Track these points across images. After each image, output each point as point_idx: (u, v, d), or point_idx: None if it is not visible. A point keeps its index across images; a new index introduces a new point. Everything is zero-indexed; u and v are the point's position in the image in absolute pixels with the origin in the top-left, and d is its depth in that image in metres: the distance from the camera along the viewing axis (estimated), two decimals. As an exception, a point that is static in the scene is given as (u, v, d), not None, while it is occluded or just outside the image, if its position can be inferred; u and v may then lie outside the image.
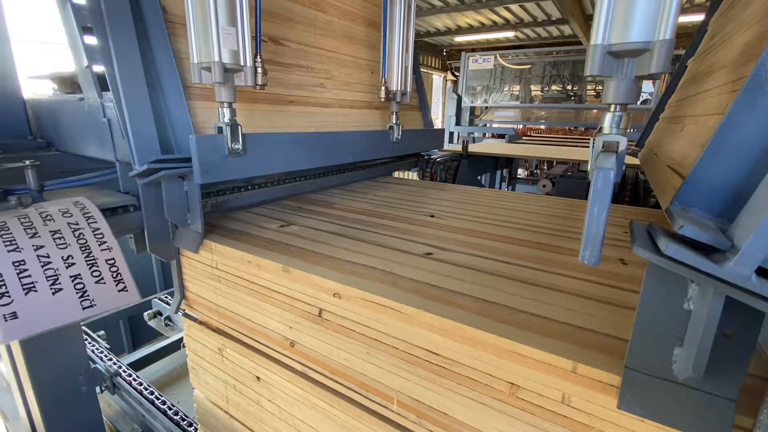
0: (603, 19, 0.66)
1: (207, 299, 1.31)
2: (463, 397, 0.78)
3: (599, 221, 0.53)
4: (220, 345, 1.30)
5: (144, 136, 1.13)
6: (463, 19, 9.39)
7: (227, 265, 1.19)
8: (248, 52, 1.12)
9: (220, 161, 1.16)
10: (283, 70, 1.54)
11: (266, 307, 1.12)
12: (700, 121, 0.94)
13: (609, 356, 0.64)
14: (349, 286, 0.91)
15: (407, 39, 1.87)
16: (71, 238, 0.95)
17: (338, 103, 1.84)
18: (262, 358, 1.17)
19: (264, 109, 1.48)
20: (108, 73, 1.10)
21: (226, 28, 1.04)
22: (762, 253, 0.39)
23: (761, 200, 0.41)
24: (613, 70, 0.69)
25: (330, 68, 1.78)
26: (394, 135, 2.03)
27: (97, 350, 2.30)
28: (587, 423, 0.64)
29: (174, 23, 1.20)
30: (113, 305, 0.93)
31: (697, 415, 0.53)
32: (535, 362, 0.68)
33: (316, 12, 1.69)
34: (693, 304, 0.51)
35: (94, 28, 1.08)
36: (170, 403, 1.92)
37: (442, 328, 0.79)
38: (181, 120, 1.20)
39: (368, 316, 0.90)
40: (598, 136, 0.77)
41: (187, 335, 1.45)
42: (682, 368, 0.53)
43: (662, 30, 0.63)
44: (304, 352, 1.06)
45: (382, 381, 0.91)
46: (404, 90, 1.92)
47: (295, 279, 1.02)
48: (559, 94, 6.61)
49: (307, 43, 1.65)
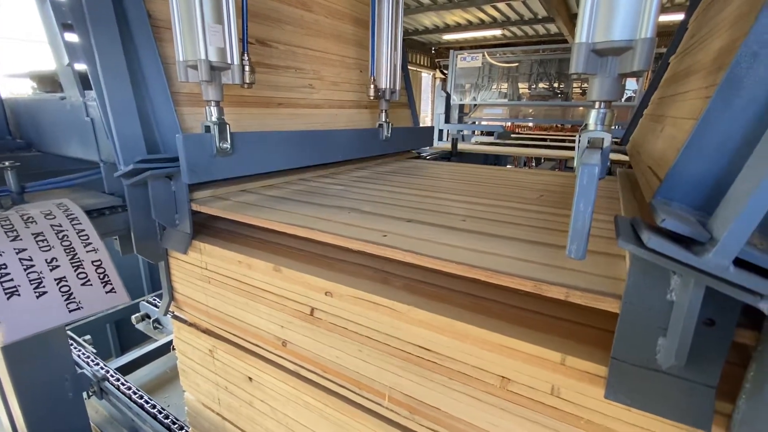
0: (587, 18, 0.68)
1: (197, 300, 1.29)
2: (455, 391, 0.79)
3: (585, 216, 0.54)
4: (211, 346, 1.29)
5: (129, 136, 1.11)
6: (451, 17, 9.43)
7: (217, 266, 1.18)
8: (235, 50, 1.11)
9: (208, 161, 1.15)
10: (271, 72, 1.53)
11: (257, 307, 1.11)
12: (678, 123, 0.97)
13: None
14: (341, 284, 0.91)
15: (395, 37, 1.87)
16: (55, 240, 0.93)
17: (328, 103, 1.83)
18: (253, 359, 1.17)
19: (253, 113, 1.47)
20: (90, 71, 1.08)
21: (212, 25, 1.03)
22: (739, 244, 0.40)
23: (738, 194, 0.42)
24: (597, 68, 0.71)
25: (318, 68, 1.77)
26: (384, 133, 2.03)
27: (84, 355, 2.26)
28: (576, 413, 0.65)
29: (160, 28, 1.18)
30: (101, 307, 0.92)
31: (679, 402, 0.55)
32: (524, 355, 0.70)
33: (303, 11, 1.68)
34: (675, 295, 0.53)
35: (75, 26, 1.06)
36: (160, 406, 1.90)
37: (434, 324, 0.79)
38: (167, 119, 1.18)
39: (360, 314, 0.90)
40: (584, 133, 0.79)
41: (177, 337, 1.43)
42: (665, 357, 0.55)
43: (644, 29, 0.64)
44: (296, 351, 1.06)
45: (375, 378, 0.92)
46: (393, 88, 1.92)
47: (287, 278, 1.01)
48: (546, 91, 6.71)
49: (295, 43, 1.64)
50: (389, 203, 1.26)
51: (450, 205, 1.24)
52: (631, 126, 2.09)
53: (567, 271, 0.71)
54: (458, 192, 1.46)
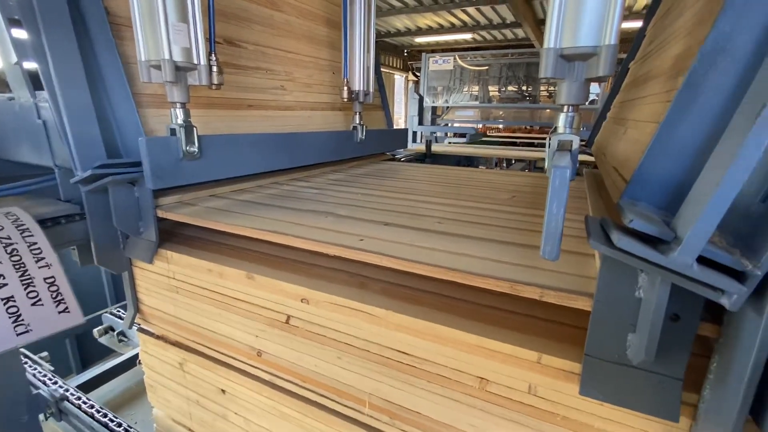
0: (554, 24, 0.70)
1: (164, 312, 1.23)
2: (435, 394, 0.79)
3: (558, 218, 0.56)
4: (181, 359, 1.23)
5: (86, 139, 1.04)
6: (422, 20, 9.54)
7: (186, 275, 1.13)
8: (202, 50, 1.06)
9: (174, 165, 1.10)
10: (240, 72, 1.48)
11: (230, 317, 1.07)
12: (640, 126, 1.01)
13: (570, 345, 0.67)
14: (317, 290, 0.89)
15: (368, 38, 1.87)
16: (2, 255, 0.85)
17: (300, 105, 1.80)
18: (226, 370, 1.12)
19: (222, 115, 1.42)
20: (42, 70, 1.01)
21: (177, 24, 0.99)
22: (702, 243, 0.42)
23: (699, 194, 0.44)
24: (565, 73, 0.73)
25: (290, 70, 1.74)
26: (359, 135, 2.02)
27: (40, 374, 2.10)
28: (552, 411, 0.67)
29: (120, 26, 1.12)
30: (53, 329, 0.84)
31: (649, 395, 0.57)
32: (502, 355, 0.70)
33: (273, 11, 1.64)
34: (643, 292, 0.55)
35: (24, 22, 0.98)
36: (126, 424, 1.79)
37: (412, 328, 0.79)
38: (129, 121, 1.12)
39: (338, 320, 0.88)
40: (554, 136, 0.81)
41: (144, 351, 1.36)
42: (635, 353, 0.56)
43: (608, 35, 0.66)
44: (272, 360, 1.03)
45: (354, 385, 0.90)
46: (367, 90, 1.91)
47: (260, 286, 0.98)
48: (515, 94, 6.91)
49: (265, 44, 1.60)
50: (365, 206, 1.25)
51: (426, 208, 1.24)
52: (596, 128, 2.18)
53: (540, 271, 0.72)
54: (433, 194, 1.47)
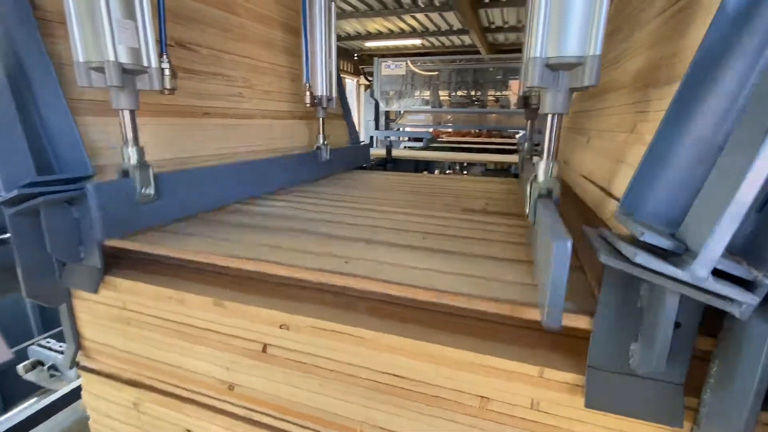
0: (540, 33, 0.69)
1: (113, 347, 1.08)
2: (433, 417, 0.75)
3: (562, 285, 0.56)
4: (135, 399, 1.09)
5: (9, 153, 0.88)
6: (372, 24, 9.57)
7: (139, 303, 0.99)
8: (152, 51, 0.95)
9: (128, 211, 0.97)
10: (194, 78, 1.35)
11: (195, 349, 0.96)
12: (606, 135, 1.06)
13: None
14: (298, 314, 0.82)
15: (329, 42, 1.81)
16: None
17: (260, 113, 1.69)
18: (192, 408, 1.01)
19: (175, 123, 1.28)
20: (-53, 72, 0.83)
21: (122, 21, 0.86)
22: (716, 256, 0.43)
23: (709, 208, 0.45)
24: (549, 82, 0.73)
25: (248, 76, 1.63)
26: (323, 155, 1.97)
27: (-50, 427, 1.77)
28: (557, 425, 0.66)
29: (50, 21, 0.96)
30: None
31: (653, 402, 0.58)
32: (502, 372, 0.68)
33: (227, 14, 1.52)
34: (645, 301, 0.55)
35: None
36: (66, 476, 1.56)
37: (405, 349, 0.75)
38: (63, 131, 0.96)
39: (322, 346, 0.82)
40: (534, 183, 0.83)
41: (88, 392, 1.18)
42: (638, 362, 0.57)
43: (592, 46, 0.67)
44: (246, 394, 0.93)
45: (342, 414, 0.84)
46: (330, 95, 1.85)
47: (231, 313, 0.89)
48: (464, 99, 7.16)
49: (220, 48, 1.48)
50: (342, 222, 1.19)
51: (406, 221, 1.21)
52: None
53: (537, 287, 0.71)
54: (409, 205, 1.44)
